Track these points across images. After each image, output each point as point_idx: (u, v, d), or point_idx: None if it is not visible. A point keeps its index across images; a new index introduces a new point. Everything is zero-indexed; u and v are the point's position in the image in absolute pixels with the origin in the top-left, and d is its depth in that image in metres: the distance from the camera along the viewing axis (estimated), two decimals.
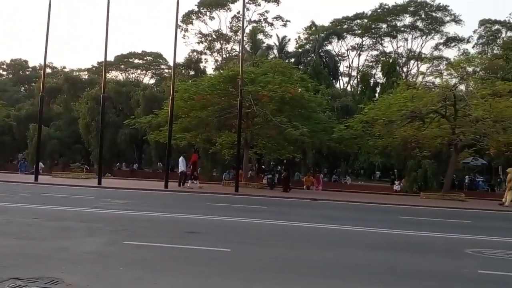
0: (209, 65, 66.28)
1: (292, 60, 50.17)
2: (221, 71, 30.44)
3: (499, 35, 57.96)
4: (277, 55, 50.55)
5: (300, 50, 55.58)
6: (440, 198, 23.24)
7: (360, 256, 8.93)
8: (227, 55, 61.61)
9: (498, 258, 9.10)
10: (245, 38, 47.54)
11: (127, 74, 72.13)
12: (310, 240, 10.53)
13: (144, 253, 8.19)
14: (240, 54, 25.86)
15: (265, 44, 54.16)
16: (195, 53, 60.64)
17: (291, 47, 60.45)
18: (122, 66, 71.28)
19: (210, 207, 15.93)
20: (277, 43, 53.36)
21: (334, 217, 14.72)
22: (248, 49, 51.59)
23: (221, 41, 61.85)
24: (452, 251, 9.75)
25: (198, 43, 61.94)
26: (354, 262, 8.41)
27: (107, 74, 38.20)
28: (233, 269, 7.41)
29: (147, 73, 73.50)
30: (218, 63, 59.48)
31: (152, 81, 68.75)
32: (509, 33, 56.02)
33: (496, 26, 57.35)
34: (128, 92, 42.03)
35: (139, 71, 73.52)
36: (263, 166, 39.02)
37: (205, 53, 62.57)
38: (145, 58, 71.56)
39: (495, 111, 22.91)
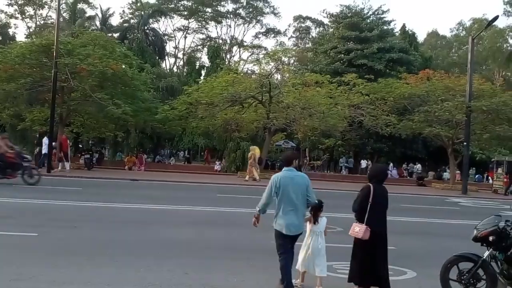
0: (21, 32, 59.12)
1: (116, 34, 47.86)
2: (34, 39, 27.49)
3: (310, 30, 64.23)
4: (99, 28, 47.66)
5: (125, 25, 53.33)
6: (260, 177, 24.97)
7: (176, 233, 9.14)
8: (42, 22, 55.84)
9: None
10: (63, 5, 43.67)
11: None
12: (127, 220, 10.39)
13: None
14: (56, 21, 23.62)
15: (87, 14, 50.53)
16: (3, 15, 53.54)
17: (116, 21, 57.64)
18: None
19: (17, 189, 14.43)
20: (100, 15, 50.30)
21: (154, 197, 14.73)
22: (66, 17, 47.53)
23: (35, 6, 55.68)
24: (265, 225, 10.60)
25: (8, 5, 54.68)
26: (170, 239, 8.59)
27: None
28: (39, 254, 6.96)
29: None
30: (31, 30, 53.55)
31: None
32: (318, 29, 62.37)
33: (308, 22, 63.39)
34: None
35: None
36: (81, 145, 36.66)
37: (16, 18, 55.66)
38: None
39: (303, 99, 25.40)
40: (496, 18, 26.85)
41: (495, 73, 53.76)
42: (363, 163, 37.21)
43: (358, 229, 5.93)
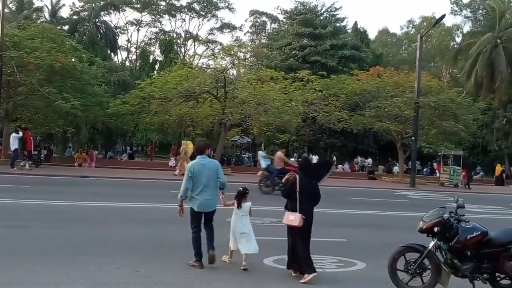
0: None
1: (66, 27, 46.30)
2: None
3: (266, 26, 64.41)
4: (48, 20, 45.88)
5: (75, 17, 51.61)
6: None
7: (128, 231, 8.98)
8: None
9: (253, 225, 10.27)
10: None
11: None
12: (77, 219, 10.10)
13: None
14: (1, 12, 22.54)
15: (35, 6, 48.48)
16: None
17: (66, 13, 55.67)
18: None
19: None
20: (49, 6, 48.45)
21: (105, 194, 14.39)
22: (13, 8, 45.48)
23: None
24: (216, 220, 10.57)
25: None
26: (121, 237, 8.44)
27: None
28: None
29: None
30: None
31: None
32: (273, 25, 62.65)
33: (263, 18, 63.52)
34: None
35: None
36: None
37: None
38: None
39: (259, 95, 25.48)
40: (443, 17, 27.90)
41: (443, 70, 55.87)
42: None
43: (293, 218, 6.46)
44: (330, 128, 30.09)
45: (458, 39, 56.61)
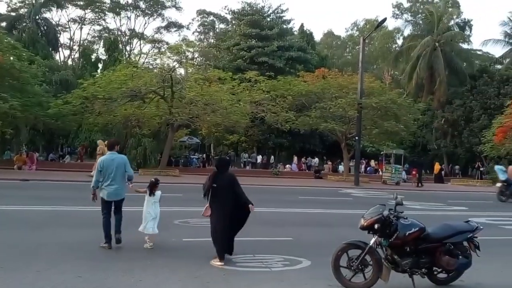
0: None
1: (4, 24, 44.11)
2: None
3: (215, 25, 64.12)
4: None
5: (13, 14, 49.23)
6: (157, 174, 24.43)
7: (70, 235, 8.69)
8: None
9: (200, 226, 10.22)
10: None
11: None
12: (17, 223, 9.66)
13: None
14: None
15: None
16: None
17: (3, 9, 53.02)
18: None
19: None
20: None
21: (47, 198, 13.84)
22: None
23: None
24: (163, 223, 10.43)
25: None
26: (63, 241, 8.16)
27: None
28: None
29: None
30: None
31: None
32: (221, 25, 62.54)
33: (211, 17, 63.24)
34: None
35: None
36: None
37: None
38: None
39: (207, 95, 25.39)
40: (384, 20, 28.95)
41: (385, 72, 57.85)
42: (258, 158, 38.41)
43: (206, 209, 7.43)
44: (278, 128, 30.47)
45: (399, 42, 58.79)
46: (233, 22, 51.28)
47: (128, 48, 58.98)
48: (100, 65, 44.56)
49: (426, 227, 6.20)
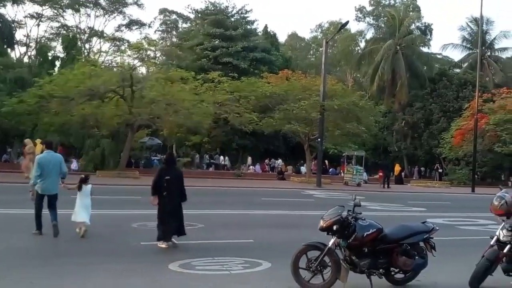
0: None
1: None
2: None
3: (178, 24, 63.36)
4: None
5: None
6: (116, 176, 23.90)
7: (24, 240, 8.28)
8: None
9: None
10: None
11: None
12: None
13: None
14: None
15: None
16: None
17: None
18: None
19: None
20: None
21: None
22: None
23: None
24: (121, 227, 10.14)
25: None
26: (16, 247, 7.77)
27: None
28: None
29: None
30: None
31: None
32: (185, 25, 61.87)
33: (174, 16, 62.47)
34: None
35: None
36: None
37: None
38: None
39: (168, 95, 24.96)
40: (346, 23, 29.36)
41: (347, 74, 58.79)
42: (226, 159, 38.25)
43: (152, 199, 8.39)
44: (241, 129, 30.34)
45: (362, 45, 59.78)
46: (197, 21, 50.88)
47: (87, 46, 57.41)
48: (57, 63, 43.10)
49: (384, 228, 6.21)
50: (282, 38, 66.65)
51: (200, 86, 27.43)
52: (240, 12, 46.68)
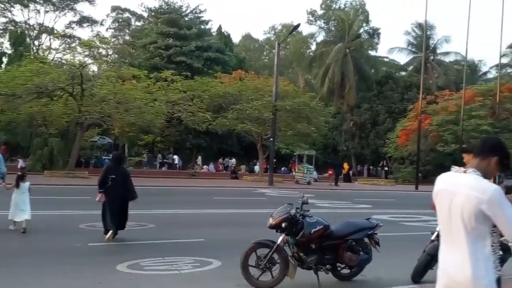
0: None
1: None
2: None
3: (130, 22, 62.11)
4: None
5: None
6: (65, 176, 23.27)
7: None
8: None
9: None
10: None
11: None
12: None
13: None
14: None
15: None
16: None
17: None
18: None
19: None
20: None
21: None
22: None
23: None
24: (68, 228, 9.95)
25: None
26: None
27: None
28: None
29: None
30: None
31: None
32: (138, 23, 60.75)
33: (127, 14, 61.23)
34: None
35: None
36: None
37: None
38: None
39: (120, 93, 24.54)
40: (297, 26, 29.91)
41: (299, 76, 59.68)
42: (176, 159, 37.93)
43: (100, 196, 8.78)
44: (195, 129, 30.25)
45: (313, 47, 60.87)
46: (150, 19, 50.12)
47: (36, 43, 55.30)
48: (4, 60, 41.39)
49: (331, 225, 6.43)
50: (236, 38, 66.86)
51: (153, 85, 27.13)
52: (194, 11, 46.47)
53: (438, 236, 6.78)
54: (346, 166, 36.93)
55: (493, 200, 2.57)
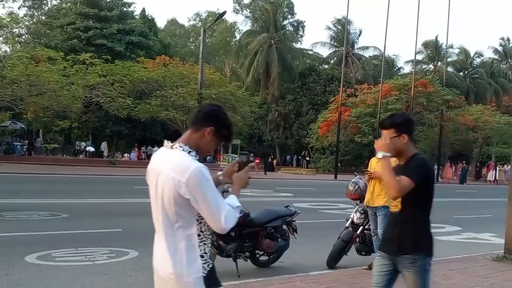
0: None
1: None
2: None
3: (46, 1, 58.38)
4: None
5: None
6: None
7: None
8: None
9: (17, 220, 9.23)
10: None
11: None
12: None
13: None
14: None
15: None
16: None
17: None
18: None
19: None
20: None
21: None
22: None
23: None
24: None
25: None
26: None
27: None
28: None
29: None
30: None
31: None
32: (54, 2, 57.24)
33: None
34: None
35: None
36: None
37: None
38: None
39: (33, 76, 22.99)
40: (223, 13, 29.74)
41: (226, 64, 59.49)
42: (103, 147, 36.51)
43: None
44: (116, 115, 29.15)
45: (239, 37, 60.88)
46: None
47: None
48: None
49: (251, 212, 6.45)
50: (161, 23, 65.17)
51: (70, 68, 25.71)
52: None
53: (352, 223, 7.08)
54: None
55: (193, 182, 2.16)
